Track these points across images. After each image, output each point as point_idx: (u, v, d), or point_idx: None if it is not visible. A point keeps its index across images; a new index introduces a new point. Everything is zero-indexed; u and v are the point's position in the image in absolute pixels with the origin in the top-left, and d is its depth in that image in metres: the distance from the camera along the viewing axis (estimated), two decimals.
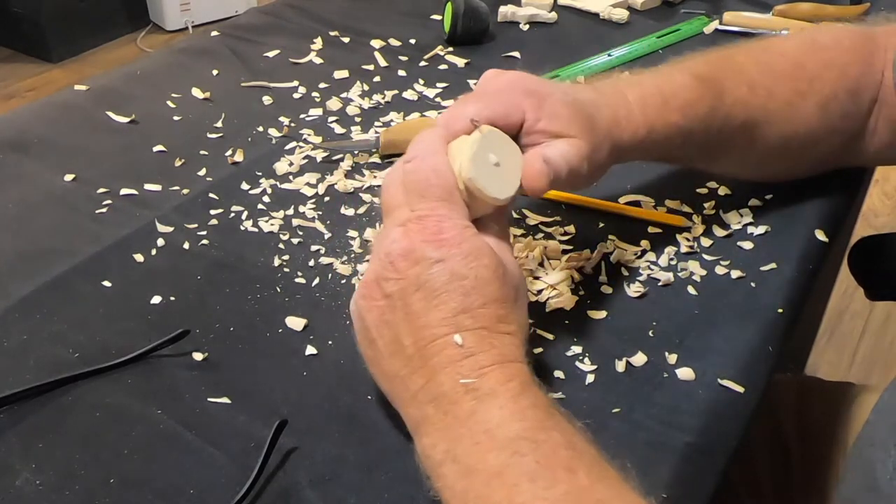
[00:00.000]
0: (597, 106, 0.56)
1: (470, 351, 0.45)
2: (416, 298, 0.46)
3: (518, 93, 0.53)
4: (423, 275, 0.46)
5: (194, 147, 0.77)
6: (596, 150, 0.54)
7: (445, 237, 0.46)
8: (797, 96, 0.63)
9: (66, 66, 2.80)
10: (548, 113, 0.52)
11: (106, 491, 0.47)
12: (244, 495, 0.46)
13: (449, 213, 0.48)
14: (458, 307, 0.45)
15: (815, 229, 0.66)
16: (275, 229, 0.66)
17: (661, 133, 0.58)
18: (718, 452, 0.50)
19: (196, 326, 0.57)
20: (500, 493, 0.40)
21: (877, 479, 0.51)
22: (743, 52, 0.65)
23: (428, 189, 0.48)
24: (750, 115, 0.62)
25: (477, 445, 0.42)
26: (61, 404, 0.52)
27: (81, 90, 0.85)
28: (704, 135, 0.61)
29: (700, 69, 0.62)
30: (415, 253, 0.46)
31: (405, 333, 0.46)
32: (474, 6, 0.93)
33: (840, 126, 0.65)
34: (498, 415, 0.42)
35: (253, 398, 0.52)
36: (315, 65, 0.91)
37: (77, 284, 0.61)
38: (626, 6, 1.04)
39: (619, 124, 0.56)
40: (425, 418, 0.45)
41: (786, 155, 0.66)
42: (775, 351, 0.56)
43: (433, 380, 0.45)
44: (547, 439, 0.42)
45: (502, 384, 0.44)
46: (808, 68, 0.64)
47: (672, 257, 0.63)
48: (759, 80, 0.63)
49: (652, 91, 0.59)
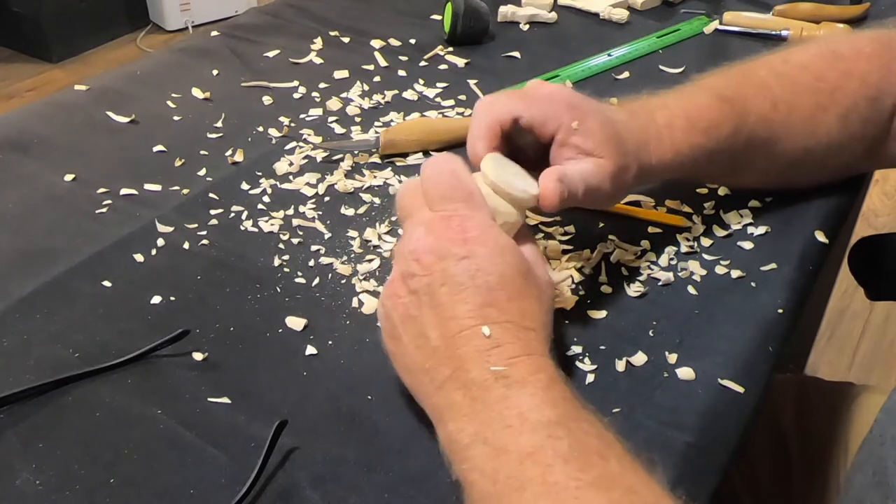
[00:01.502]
0: (629, 129, 0.57)
1: (497, 342, 0.45)
2: (442, 292, 0.46)
3: (560, 105, 0.55)
4: (449, 270, 0.46)
5: (194, 147, 0.77)
6: (622, 172, 0.56)
7: (470, 235, 0.47)
8: (819, 109, 0.64)
9: (66, 66, 2.79)
10: (583, 130, 0.54)
11: (106, 491, 0.47)
12: (244, 495, 0.46)
13: (472, 213, 0.49)
14: (484, 301, 0.46)
15: (815, 229, 0.66)
16: (275, 229, 0.66)
17: (686, 155, 0.60)
18: (718, 452, 0.50)
19: (196, 326, 0.57)
20: (534, 471, 0.40)
21: (887, 476, 0.51)
22: (764, 67, 0.66)
23: (449, 191, 0.49)
24: (772, 132, 0.63)
25: (509, 428, 0.42)
26: (61, 404, 0.52)
27: (81, 90, 0.85)
28: (728, 154, 0.62)
29: (723, 89, 0.63)
30: (440, 249, 0.47)
31: (431, 326, 0.47)
32: (474, 6, 0.93)
33: (861, 133, 0.66)
34: (530, 401, 0.43)
35: (253, 398, 0.52)
36: (315, 65, 0.91)
37: (77, 284, 0.61)
38: (626, 6, 1.04)
39: (648, 148, 0.58)
40: (451, 405, 0.45)
41: (808, 165, 0.67)
42: (775, 351, 0.56)
43: (461, 368, 0.45)
44: (578, 428, 0.42)
45: (532, 374, 0.44)
46: (829, 80, 0.64)
47: (672, 257, 0.63)
48: (780, 96, 0.63)
49: (678, 114, 0.60)
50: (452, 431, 0.45)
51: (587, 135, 0.55)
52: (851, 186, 0.73)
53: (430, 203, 0.50)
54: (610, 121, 0.56)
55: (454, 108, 0.83)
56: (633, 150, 0.57)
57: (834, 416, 0.77)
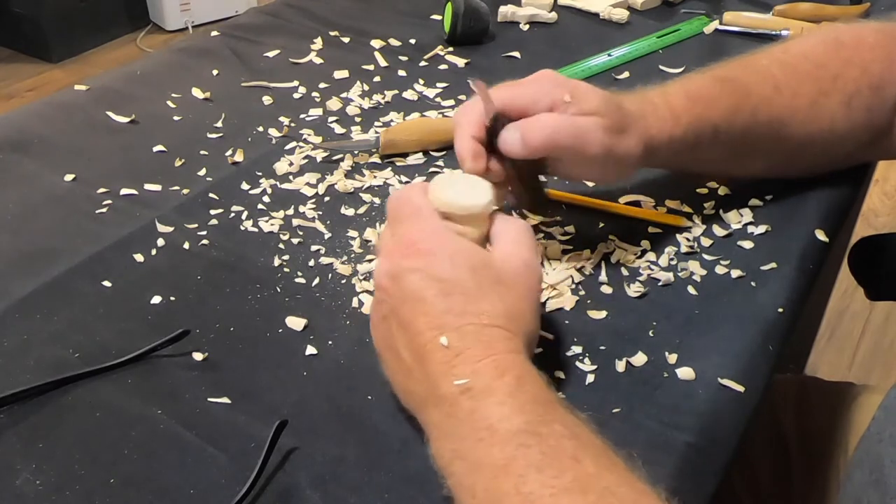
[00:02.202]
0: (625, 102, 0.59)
1: (457, 350, 0.45)
2: (404, 311, 0.47)
3: (547, 83, 0.57)
4: (404, 287, 0.47)
5: (194, 147, 0.77)
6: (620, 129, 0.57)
7: (418, 247, 0.48)
8: (821, 95, 0.65)
9: (66, 66, 2.79)
10: (576, 98, 0.56)
11: (106, 491, 0.47)
12: (244, 495, 0.46)
13: (421, 226, 0.50)
14: (441, 309, 0.46)
15: (815, 229, 0.66)
16: (275, 229, 0.66)
17: (688, 126, 0.60)
18: (718, 452, 0.50)
19: (196, 326, 0.57)
20: (507, 484, 0.40)
21: (885, 475, 0.51)
22: (765, 56, 0.66)
23: (401, 211, 0.51)
24: (776, 114, 0.64)
25: (480, 441, 0.42)
26: (61, 404, 0.52)
27: (81, 90, 0.85)
28: (729, 132, 0.62)
29: (722, 72, 0.64)
30: (393, 269, 0.48)
31: (402, 346, 0.47)
32: (474, 6, 0.93)
33: (865, 121, 0.66)
34: (497, 411, 0.43)
35: (253, 398, 0.52)
36: (315, 65, 0.91)
37: (77, 284, 0.61)
38: (626, 6, 1.04)
39: (647, 119, 0.59)
40: (432, 424, 0.46)
41: (813, 152, 0.67)
42: (775, 350, 0.56)
43: (432, 385, 0.45)
44: (550, 432, 0.42)
45: (496, 379, 0.44)
46: (830, 67, 0.65)
47: (672, 257, 0.63)
48: (783, 81, 0.64)
49: (676, 90, 0.62)
50: (436, 449, 0.45)
51: (581, 101, 0.56)
52: (852, 185, 0.73)
53: (391, 231, 0.52)
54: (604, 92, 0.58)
55: (454, 108, 0.83)
56: (632, 114, 0.58)
57: (834, 417, 0.77)
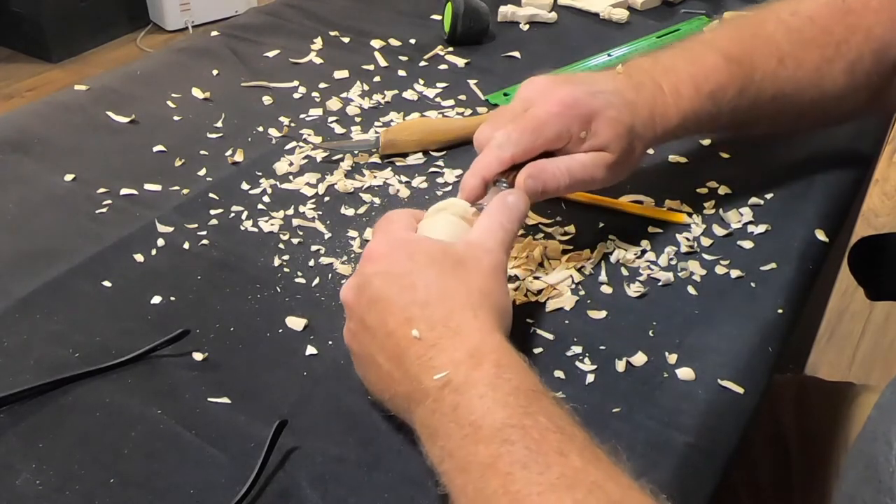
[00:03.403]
0: (636, 112, 0.60)
1: (430, 340, 0.45)
2: (371, 316, 0.48)
3: (567, 117, 0.58)
4: (369, 293, 0.48)
5: (194, 147, 0.77)
6: (625, 158, 0.60)
7: (377, 252, 0.50)
8: (825, 62, 0.66)
9: (66, 66, 2.79)
10: (591, 133, 0.59)
11: (106, 491, 0.47)
12: (244, 495, 0.46)
13: (380, 237, 0.51)
14: (405, 302, 0.47)
15: (815, 228, 0.66)
16: (275, 229, 0.66)
17: (691, 120, 0.63)
18: (718, 453, 0.50)
19: (196, 326, 0.57)
20: (495, 482, 0.40)
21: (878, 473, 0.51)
22: (772, 20, 0.67)
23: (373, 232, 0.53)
24: (779, 88, 0.65)
25: (466, 438, 0.42)
26: (61, 404, 0.52)
27: (81, 90, 0.85)
28: (732, 115, 0.65)
29: (730, 47, 0.65)
30: (358, 282, 0.49)
31: (376, 352, 0.48)
32: (474, 6, 0.93)
33: (866, 84, 0.68)
34: (479, 404, 0.42)
35: (253, 398, 0.52)
36: (315, 65, 0.91)
37: (77, 284, 0.61)
38: (626, 6, 1.04)
39: (654, 121, 0.61)
40: (420, 422, 0.45)
41: (813, 115, 0.69)
42: (775, 351, 0.56)
43: (414, 381, 0.45)
44: (534, 424, 0.41)
45: (475, 369, 0.44)
46: (835, 33, 0.66)
47: (672, 257, 0.63)
48: (787, 51, 0.65)
49: (684, 78, 0.63)
50: (428, 448, 0.45)
51: (595, 137, 0.59)
52: (852, 185, 0.73)
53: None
54: (618, 114, 0.59)
55: (454, 108, 0.83)
56: (640, 132, 0.60)
57: (834, 417, 0.77)
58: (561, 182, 0.58)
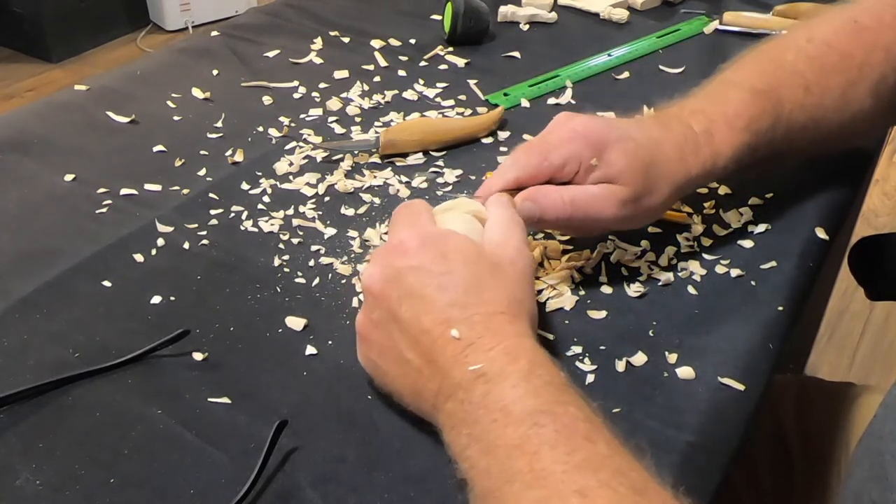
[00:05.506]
0: (661, 150, 0.58)
1: (469, 340, 0.45)
2: (403, 311, 0.47)
3: (578, 143, 0.57)
4: (401, 286, 0.48)
5: (194, 147, 0.77)
6: (641, 196, 0.57)
7: (409, 245, 0.49)
8: (849, 86, 0.65)
9: (66, 66, 2.79)
10: (603, 162, 0.56)
11: (106, 491, 0.47)
12: (244, 495, 0.46)
13: (412, 227, 0.51)
14: (444, 303, 0.47)
15: (815, 227, 0.66)
16: (275, 229, 0.66)
17: (729, 157, 0.61)
18: (719, 452, 0.50)
19: (196, 326, 0.57)
20: (521, 461, 0.40)
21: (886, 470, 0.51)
22: (791, 49, 0.66)
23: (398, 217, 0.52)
24: (809, 116, 0.65)
25: (495, 423, 0.42)
26: (61, 404, 0.52)
27: (81, 90, 0.85)
28: (769, 146, 0.63)
29: (755, 82, 0.64)
30: (386, 272, 0.49)
31: (406, 348, 0.47)
32: (474, 6, 0.93)
33: (890, 100, 0.67)
34: (511, 393, 0.43)
35: (253, 398, 0.52)
36: (315, 65, 0.91)
37: (77, 284, 0.61)
38: (626, 6, 1.04)
39: (686, 161, 0.59)
40: (446, 414, 0.46)
41: (843, 136, 0.69)
42: (776, 349, 0.56)
43: (446, 377, 0.45)
44: (564, 412, 0.42)
45: (510, 364, 0.44)
46: (856, 55, 0.66)
47: (672, 257, 0.63)
48: (812, 79, 0.65)
49: (716, 118, 0.61)
50: (452, 437, 0.45)
51: (607, 166, 0.56)
52: (852, 184, 0.73)
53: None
54: (636, 146, 0.57)
55: (454, 108, 0.83)
56: (664, 172, 0.58)
57: (834, 417, 0.77)
58: (561, 212, 0.56)
